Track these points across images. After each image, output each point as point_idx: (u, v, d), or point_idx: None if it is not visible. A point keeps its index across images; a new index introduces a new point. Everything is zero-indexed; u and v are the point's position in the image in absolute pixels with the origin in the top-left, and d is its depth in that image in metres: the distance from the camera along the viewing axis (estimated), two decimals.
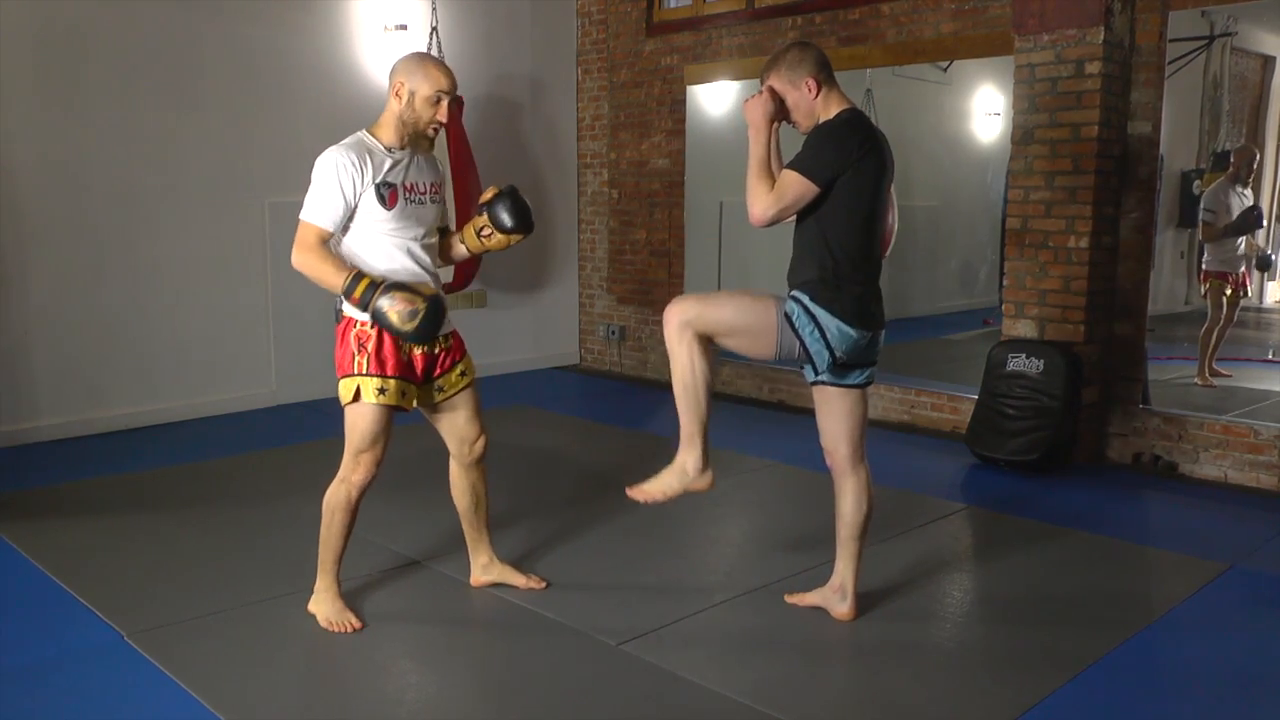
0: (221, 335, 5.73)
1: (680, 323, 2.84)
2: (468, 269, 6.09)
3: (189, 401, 5.64)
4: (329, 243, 2.88)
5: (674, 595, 3.28)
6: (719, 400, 6.34)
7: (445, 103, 2.90)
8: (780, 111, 2.91)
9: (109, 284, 5.32)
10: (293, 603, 3.18)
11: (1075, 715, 2.60)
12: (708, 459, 2.92)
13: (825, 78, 2.89)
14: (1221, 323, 5.15)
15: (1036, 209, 4.85)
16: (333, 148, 2.86)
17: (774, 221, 2.83)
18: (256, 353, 5.88)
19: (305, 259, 2.83)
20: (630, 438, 5.49)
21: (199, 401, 5.68)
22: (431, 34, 6.10)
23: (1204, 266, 5.19)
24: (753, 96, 2.92)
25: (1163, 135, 4.72)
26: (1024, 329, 4.93)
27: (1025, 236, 4.91)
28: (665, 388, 6.82)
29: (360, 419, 2.90)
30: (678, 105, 6.70)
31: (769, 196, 2.81)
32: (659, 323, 6.90)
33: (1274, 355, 5.32)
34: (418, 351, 2.95)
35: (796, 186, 2.79)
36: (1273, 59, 5.13)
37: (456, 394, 3.07)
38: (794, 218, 2.91)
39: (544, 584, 3.31)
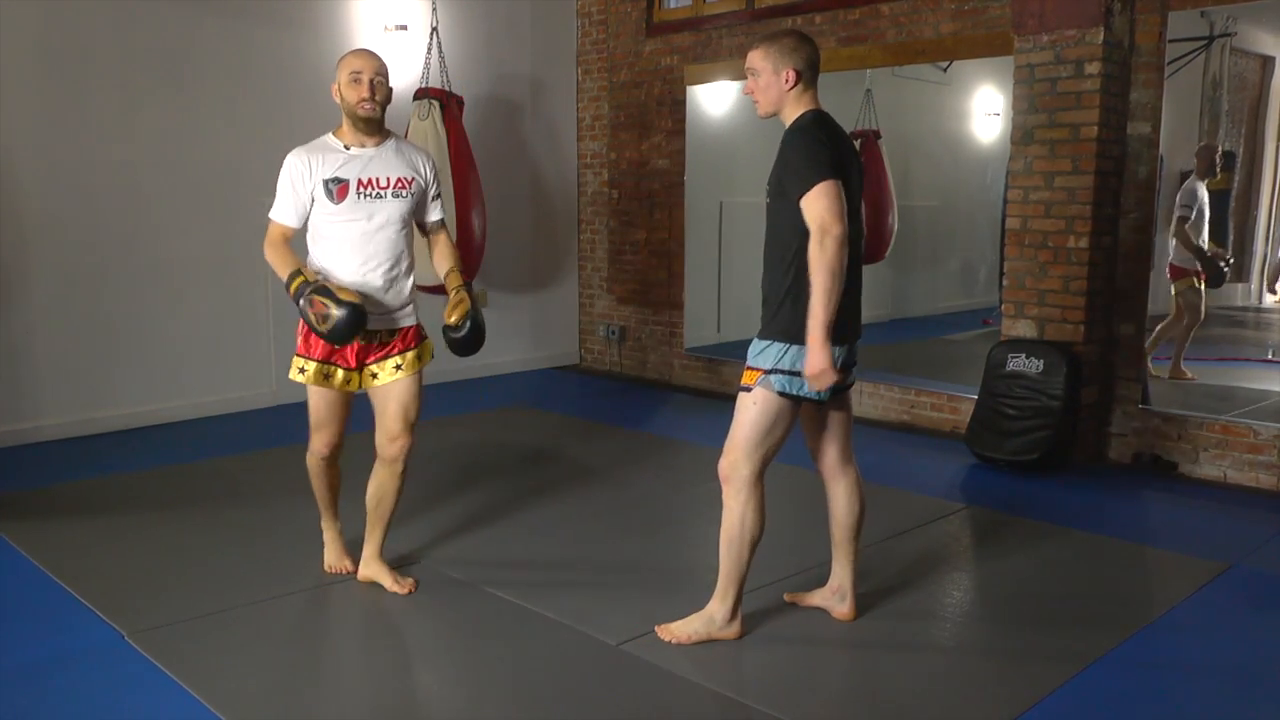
0: (221, 335, 5.73)
1: (744, 478, 2.81)
2: (469, 268, 6.08)
3: (189, 401, 5.64)
4: (302, 235, 3.11)
5: (674, 595, 3.28)
6: (717, 400, 6.36)
7: (366, 79, 2.99)
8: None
9: (109, 284, 5.32)
10: (293, 603, 3.19)
11: (1075, 715, 2.60)
12: (738, 611, 2.94)
13: (809, 77, 2.79)
14: (1187, 320, 5.17)
15: (1036, 209, 4.85)
16: (294, 149, 3.08)
17: (845, 220, 2.65)
18: (256, 353, 5.88)
19: (267, 253, 3.08)
20: (630, 438, 5.49)
21: (199, 401, 5.68)
22: (431, 34, 6.10)
23: (1171, 262, 5.20)
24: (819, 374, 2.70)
25: (1162, 135, 4.72)
26: (1024, 329, 4.93)
27: (1025, 236, 4.91)
28: (664, 388, 6.82)
29: (308, 395, 3.19)
30: (678, 105, 6.70)
31: (826, 233, 2.62)
32: (659, 323, 6.98)
33: (1274, 355, 5.32)
34: None
35: (828, 190, 2.64)
36: (1272, 59, 5.14)
37: (387, 385, 3.13)
38: (770, 230, 2.82)
39: (409, 588, 3.25)
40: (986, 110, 7.12)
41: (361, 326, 2.91)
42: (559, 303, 7.43)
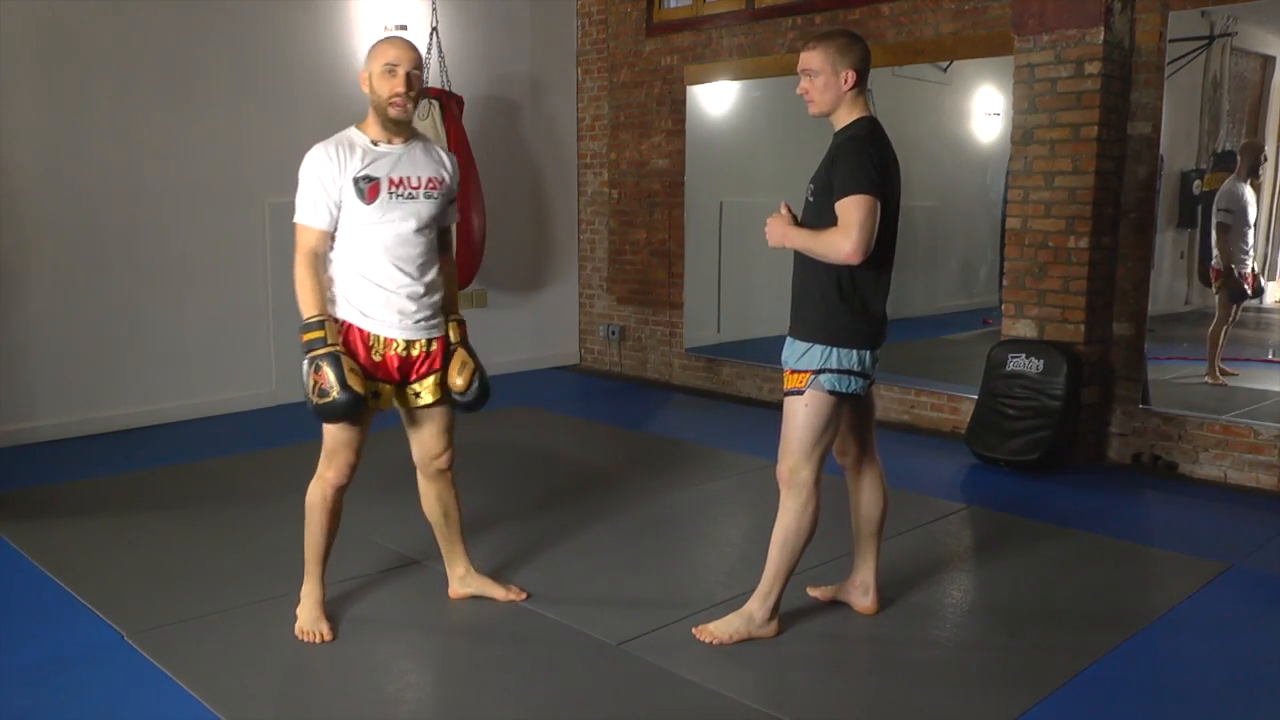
0: (221, 335, 5.73)
1: (805, 481, 2.83)
2: (468, 269, 6.09)
3: (189, 401, 5.64)
4: (327, 240, 2.89)
5: (674, 595, 3.28)
6: (719, 401, 6.35)
7: (402, 72, 2.79)
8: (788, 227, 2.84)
9: (109, 284, 5.32)
10: (292, 603, 3.18)
11: (1075, 714, 2.60)
12: (778, 610, 2.95)
13: (863, 78, 2.80)
14: (1229, 321, 5.14)
15: (1036, 209, 4.85)
16: (316, 145, 2.87)
17: (869, 250, 2.67)
18: (256, 353, 5.88)
19: (298, 271, 2.88)
20: (630, 438, 5.49)
21: (199, 401, 5.68)
22: (431, 34, 6.10)
23: (1213, 264, 5.17)
24: (768, 229, 2.84)
25: (1163, 135, 4.72)
26: (1024, 329, 4.93)
27: (1025, 236, 4.91)
28: (664, 388, 6.82)
29: None
30: (678, 105, 6.70)
31: (847, 234, 2.64)
32: (659, 323, 6.98)
33: (1274, 355, 5.32)
34: (391, 351, 2.90)
35: (865, 206, 2.64)
36: (1273, 59, 5.13)
37: (432, 405, 3.00)
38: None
39: (524, 595, 3.23)
40: (986, 110, 7.10)
41: (348, 418, 2.79)
42: (559, 303, 7.43)
